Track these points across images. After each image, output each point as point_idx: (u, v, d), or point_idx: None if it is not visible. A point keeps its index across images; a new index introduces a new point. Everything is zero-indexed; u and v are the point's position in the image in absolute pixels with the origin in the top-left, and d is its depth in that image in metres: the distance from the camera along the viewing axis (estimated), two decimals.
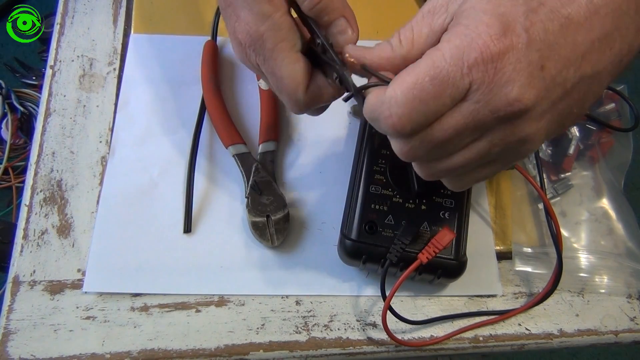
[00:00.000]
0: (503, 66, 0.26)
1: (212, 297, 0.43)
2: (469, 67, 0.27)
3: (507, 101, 0.27)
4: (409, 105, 0.28)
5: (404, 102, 0.28)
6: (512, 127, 0.28)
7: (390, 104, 0.28)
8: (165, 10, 0.55)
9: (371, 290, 0.44)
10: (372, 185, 0.42)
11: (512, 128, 0.28)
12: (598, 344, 0.44)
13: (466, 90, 0.27)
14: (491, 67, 0.26)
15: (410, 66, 0.28)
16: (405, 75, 0.28)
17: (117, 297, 0.42)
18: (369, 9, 0.57)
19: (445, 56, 0.27)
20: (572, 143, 0.49)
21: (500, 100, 0.27)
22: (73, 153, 0.48)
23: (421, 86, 0.27)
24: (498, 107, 0.27)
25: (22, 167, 1.23)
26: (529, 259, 0.45)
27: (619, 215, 0.48)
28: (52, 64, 0.52)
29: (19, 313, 0.41)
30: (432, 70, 0.27)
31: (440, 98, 0.27)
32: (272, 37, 0.33)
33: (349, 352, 0.42)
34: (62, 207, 0.45)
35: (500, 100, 0.27)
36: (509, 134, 0.29)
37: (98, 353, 0.40)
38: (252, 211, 0.44)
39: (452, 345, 0.42)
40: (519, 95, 0.27)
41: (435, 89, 0.27)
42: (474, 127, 0.28)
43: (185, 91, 0.51)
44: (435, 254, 0.39)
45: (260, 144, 0.48)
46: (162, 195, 0.46)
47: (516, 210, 0.48)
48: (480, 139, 0.29)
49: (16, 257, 0.43)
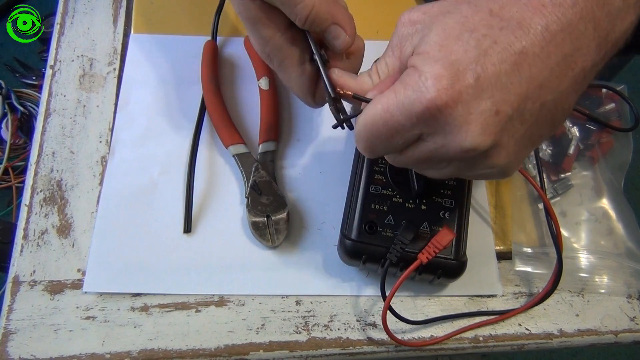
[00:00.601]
0: (453, 118, 0.27)
1: (212, 297, 0.43)
2: (418, 119, 0.28)
3: (462, 149, 0.28)
4: (368, 140, 0.31)
5: (364, 137, 0.31)
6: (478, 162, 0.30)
7: (357, 135, 0.32)
8: (165, 10, 0.55)
9: (371, 290, 0.44)
10: (372, 185, 0.42)
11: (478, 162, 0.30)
12: (598, 344, 0.44)
13: (419, 136, 0.30)
14: (441, 119, 0.28)
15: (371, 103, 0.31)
16: (364, 114, 0.31)
17: (117, 297, 0.42)
18: (369, 9, 0.57)
19: (397, 104, 0.29)
20: (572, 143, 0.49)
21: (456, 147, 0.28)
22: (73, 153, 0.48)
23: (376, 128, 0.30)
24: (455, 152, 0.29)
25: (22, 167, 1.23)
26: (529, 259, 0.45)
27: (619, 215, 0.48)
28: (52, 64, 0.52)
29: (19, 313, 0.41)
30: (385, 115, 0.29)
31: (393, 139, 0.30)
32: (276, 57, 0.37)
33: (349, 352, 0.42)
34: (62, 207, 0.45)
35: (456, 147, 0.28)
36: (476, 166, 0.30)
37: (98, 353, 0.40)
38: (252, 211, 0.44)
39: (452, 345, 0.42)
40: (473, 144, 0.28)
41: (387, 132, 0.30)
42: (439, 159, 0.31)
43: (185, 91, 0.51)
44: (435, 254, 0.39)
45: (260, 144, 0.48)
46: (162, 195, 0.46)
47: (516, 210, 0.48)
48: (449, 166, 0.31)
49: (16, 257, 0.43)
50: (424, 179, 0.41)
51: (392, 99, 0.29)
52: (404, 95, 0.28)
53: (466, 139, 0.28)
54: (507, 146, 0.29)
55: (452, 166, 0.31)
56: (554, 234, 0.43)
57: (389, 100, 0.29)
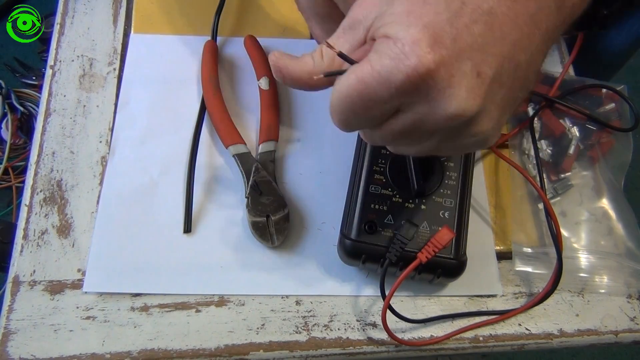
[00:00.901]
0: (436, 83, 0.26)
1: (212, 297, 0.43)
2: (397, 89, 0.26)
3: (447, 116, 0.27)
4: (342, 113, 0.29)
5: (337, 110, 0.29)
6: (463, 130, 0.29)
7: (331, 107, 0.29)
8: (165, 10, 0.55)
9: (371, 290, 0.44)
10: (371, 185, 0.42)
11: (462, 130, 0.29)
12: (598, 344, 0.44)
13: (398, 107, 0.28)
14: (423, 86, 0.26)
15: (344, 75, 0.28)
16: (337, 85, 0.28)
17: (117, 297, 0.42)
18: None
19: (373, 74, 0.26)
20: (572, 143, 0.50)
21: (441, 115, 0.27)
22: (73, 153, 0.48)
23: (350, 100, 0.28)
24: (440, 119, 0.27)
25: (22, 167, 1.23)
26: (529, 259, 0.45)
27: (619, 215, 0.48)
28: (52, 64, 0.52)
29: (19, 313, 0.41)
30: (359, 86, 0.27)
31: (370, 111, 0.28)
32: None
33: (349, 352, 0.42)
34: (62, 207, 0.45)
35: (441, 115, 0.27)
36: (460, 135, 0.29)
37: (98, 353, 0.40)
38: (252, 211, 0.44)
39: (452, 345, 0.42)
40: (460, 109, 0.26)
41: (364, 104, 0.27)
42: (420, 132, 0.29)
43: (185, 91, 0.51)
44: (434, 253, 0.39)
45: (260, 144, 0.48)
46: (162, 195, 0.46)
47: (516, 210, 0.48)
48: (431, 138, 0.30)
49: (16, 257, 0.43)
50: (423, 178, 0.41)
51: (367, 69, 0.27)
52: (380, 64, 0.26)
53: (452, 104, 0.26)
54: (490, 110, 0.28)
55: (434, 138, 0.30)
56: (554, 234, 0.43)
57: (363, 70, 0.27)
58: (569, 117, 0.51)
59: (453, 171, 0.42)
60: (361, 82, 0.27)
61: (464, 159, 0.43)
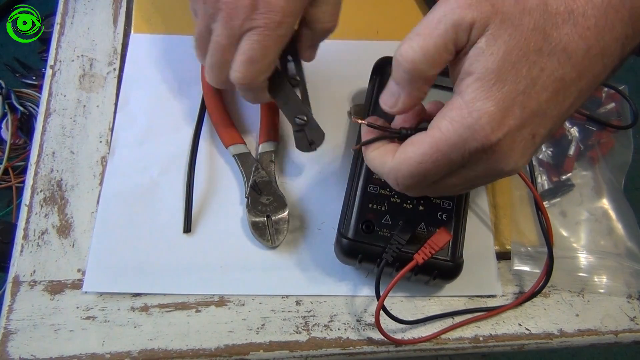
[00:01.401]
0: (499, 149, 0.29)
1: (212, 297, 0.43)
2: (470, 154, 0.29)
3: (501, 171, 0.30)
4: (414, 179, 0.32)
5: (409, 176, 0.32)
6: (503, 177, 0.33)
7: (397, 175, 0.32)
8: (165, 10, 0.55)
9: (371, 290, 0.44)
10: (370, 185, 0.42)
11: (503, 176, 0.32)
12: (598, 344, 0.44)
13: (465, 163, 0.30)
14: (489, 151, 0.29)
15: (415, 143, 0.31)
16: (410, 150, 0.31)
17: (117, 297, 0.42)
18: (368, 9, 0.57)
19: (448, 143, 0.29)
20: (572, 144, 0.50)
21: (495, 171, 0.30)
22: (73, 153, 0.48)
23: (424, 166, 0.30)
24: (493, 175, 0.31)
25: (22, 167, 1.23)
26: (528, 259, 0.45)
27: (619, 215, 0.48)
28: (52, 64, 0.52)
29: (19, 313, 0.41)
30: (435, 154, 0.30)
31: (439, 173, 0.31)
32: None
33: (349, 352, 0.42)
34: (62, 207, 0.45)
35: (495, 171, 0.30)
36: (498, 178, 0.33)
37: (98, 353, 0.40)
38: (252, 211, 0.44)
39: (452, 345, 0.42)
40: (514, 167, 0.30)
41: (436, 169, 0.30)
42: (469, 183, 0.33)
43: (185, 91, 0.51)
44: (431, 255, 0.39)
45: (261, 144, 0.48)
46: (162, 195, 0.46)
47: (515, 210, 0.48)
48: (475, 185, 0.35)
49: (16, 257, 0.43)
50: None
51: (441, 137, 0.29)
52: (456, 133, 0.29)
53: (509, 165, 0.29)
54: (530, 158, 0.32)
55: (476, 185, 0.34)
56: (544, 228, 0.43)
57: (437, 139, 0.29)
58: (569, 118, 0.51)
59: None
60: (437, 150, 0.29)
61: None
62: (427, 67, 0.30)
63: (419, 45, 0.29)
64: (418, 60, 0.29)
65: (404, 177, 0.32)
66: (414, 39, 0.30)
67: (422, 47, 0.29)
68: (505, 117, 0.28)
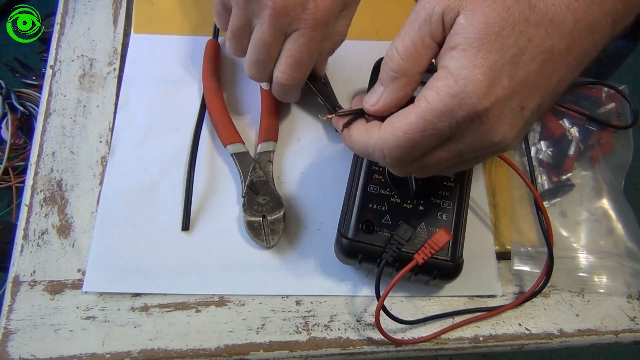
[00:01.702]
0: (487, 119, 0.28)
1: (212, 297, 0.43)
2: (457, 123, 0.29)
3: (490, 144, 0.29)
4: (401, 150, 0.31)
5: (396, 147, 0.31)
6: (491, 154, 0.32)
7: (384, 147, 0.31)
8: (166, 10, 0.55)
9: (371, 290, 0.44)
10: (370, 185, 0.42)
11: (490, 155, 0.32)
12: (598, 344, 0.44)
13: (453, 135, 0.30)
14: (477, 121, 0.28)
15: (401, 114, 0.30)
16: (397, 121, 0.31)
17: (117, 297, 0.42)
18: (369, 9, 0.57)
19: (434, 112, 0.29)
20: (572, 144, 0.49)
21: (484, 143, 0.30)
22: (73, 153, 0.48)
23: (411, 136, 0.30)
24: (481, 147, 0.30)
25: (22, 167, 1.23)
26: (528, 259, 0.45)
27: (619, 215, 0.48)
28: (52, 64, 0.52)
29: (19, 313, 0.41)
30: (422, 124, 0.29)
31: (427, 145, 0.30)
32: None
33: (349, 352, 0.42)
34: (62, 207, 0.45)
35: (484, 143, 0.30)
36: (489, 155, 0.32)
37: (98, 353, 0.40)
38: (248, 211, 0.44)
39: (452, 345, 0.42)
40: (502, 139, 0.29)
41: (424, 140, 0.30)
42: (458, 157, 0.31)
43: (185, 91, 0.51)
44: (431, 255, 0.39)
45: (259, 143, 0.48)
46: (162, 195, 0.46)
47: (515, 210, 0.48)
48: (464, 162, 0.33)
49: (16, 257, 0.43)
50: (422, 179, 0.41)
51: (427, 107, 0.29)
52: (442, 102, 0.28)
53: (496, 136, 0.29)
54: (521, 134, 0.30)
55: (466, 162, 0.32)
56: (544, 227, 0.43)
57: (423, 109, 0.29)
58: (569, 118, 0.51)
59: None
60: (424, 119, 0.29)
61: None
62: (408, 65, 0.31)
63: (399, 44, 0.31)
64: (397, 58, 0.31)
65: (391, 149, 0.31)
66: (395, 39, 0.31)
67: (402, 46, 0.30)
68: (492, 85, 0.27)
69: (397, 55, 0.31)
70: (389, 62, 0.32)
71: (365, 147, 0.33)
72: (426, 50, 0.30)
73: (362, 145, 0.34)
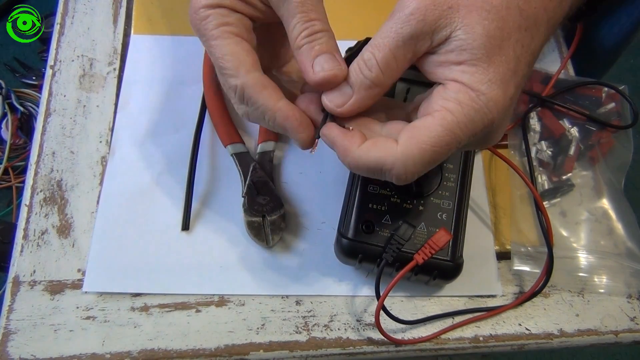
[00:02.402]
0: (498, 127, 0.31)
1: (212, 297, 0.43)
2: (475, 134, 0.30)
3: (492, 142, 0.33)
4: (426, 164, 0.30)
5: (421, 162, 0.30)
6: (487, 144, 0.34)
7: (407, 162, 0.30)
8: (166, 10, 0.55)
9: (371, 290, 0.44)
10: (370, 185, 0.42)
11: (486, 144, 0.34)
12: (598, 344, 0.44)
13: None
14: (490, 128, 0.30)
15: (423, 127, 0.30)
16: (423, 136, 0.29)
17: (117, 297, 0.42)
18: (368, 9, 0.57)
19: (460, 125, 0.29)
20: (572, 144, 0.50)
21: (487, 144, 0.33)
22: (73, 153, 0.48)
23: (439, 149, 0.29)
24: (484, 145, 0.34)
25: (22, 167, 1.23)
26: (528, 259, 0.45)
27: (619, 215, 0.48)
28: (52, 64, 0.52)
29: (19, 313, 0.41)
30: (449, 137, 0.29)
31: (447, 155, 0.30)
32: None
33: (349, 352, 0.42)
34: (62, 207, 0.45)
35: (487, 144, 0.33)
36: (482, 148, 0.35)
37: (98, 353, 0.40)
38: (248, 211, 0.44)
39: (452, 345, 0.42)
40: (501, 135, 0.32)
41: (447, 151, 0.30)
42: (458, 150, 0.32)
43: (185, 91, 0.51)
44: (431, 255, 0.39)
45: (259, 143, 0.48)
46: (162, 195, 0.46)
47: (515, 210, 0.48)
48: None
49: (16, 257, 0.43)
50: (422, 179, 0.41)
51: (454, 120, 0.29)
52: (467, 116, 0.29)
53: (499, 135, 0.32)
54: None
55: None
56: (544, 227, 0.43)
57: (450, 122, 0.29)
58: (569, 118, 0.51)
59: (452, 173, 0.42)
60: (450, 132, 0.29)
61: (463, 161, 0.43)
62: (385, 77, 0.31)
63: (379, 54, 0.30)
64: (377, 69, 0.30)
65: (416, 164, 0.30)
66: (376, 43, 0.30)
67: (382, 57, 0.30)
68: (505, 97, 0.29)
69: (376, 65, 0.30)
70: (366, 70, 0.30)
71: (381, 163, 0.30)
72: (405, 65, 0.30)
73: (376, 161, 0.30)
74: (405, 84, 0.40)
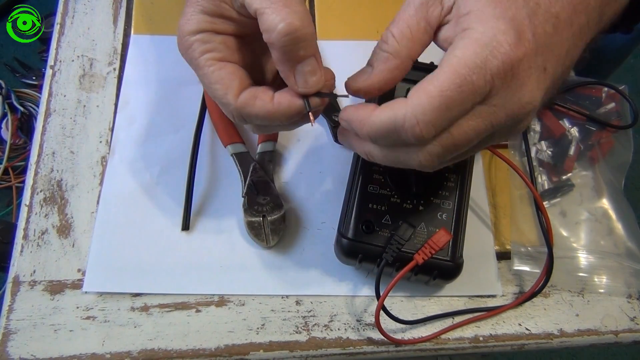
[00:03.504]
0: (518, 72, 0.27)
1: (212, 297, 0.43)
2: (492, 76, 0.27)
3: (520, 104, 0.28)
4: (436, 112, 0.28)
5: (431, 109, 0.28)
6: (519, 122, 0.30)
7: (417, 113, 0.28)
8: (166, 10, 0.55)
9: (371, 290, 0.44)
10: (370, 185, 0.42)
11: (518, 123, 0.30)
12: (598, 344, 0.44)
13: (486, 95, 0.28)
14: (510, 74, 0.27)
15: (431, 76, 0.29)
16: (428, 84, 0.28)
17: (117, 297, 0.42)
18: (369, 9, 0.57)
19: (468, 65, 0.27)
20: (572, 144, 0.50)
21: (515, 103, 0.28)
22: (73, 153, 0.48)
23: (448, 94, 0.27)
24: (513, 109, 0.29)
25: (22, 167, 1.23)
26: (528, 259, 0.45)
27: (619, 215, 0.48)
28: (52, 64, 0.52)
29: (19, 313, 0.41)
30: (457, 79, 0.27)
31: (463, 104, 0.28)
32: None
33: (349, 352, 0.42)
34: (62, 207, 0.45)
35: (515, 103, 0.28)
36: (514, 127, 0.31)
37: (98, 353, 0.40)
38: (248, 211, 0.44)
39: (452, 345, 0.42)
40: (531, 99, 0.28)
41: (460, 97, 0.27)
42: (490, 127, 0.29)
43: (185, 91, 0.51)
44: (431, 255, 0.39)
45: (259, 143, 0.48)
46: (162, 195, 0.46)
47: (515, 210, 0.48)
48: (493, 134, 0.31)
49: (16, 257, 0.43)
50: (422, 179, 0.41)
51: (459, 61, 0.27)
52: (474, 53, 0.27)
53: (525, 94, 0.28)
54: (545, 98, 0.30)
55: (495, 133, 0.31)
56: (544, 227, 0.43)
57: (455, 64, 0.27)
58: (569, 118, 0.51)
59: (452, 173, 0.42)
60: (457, 74, 0.27)
61: (463, 161, 0.43)
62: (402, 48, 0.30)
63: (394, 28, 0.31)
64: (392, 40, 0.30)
65: (425, 113, 0.28)
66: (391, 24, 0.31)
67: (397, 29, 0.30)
68: (519, 37, 0.27)
69: (391, 37, 0.30)
70: (382, 44, 0.31)
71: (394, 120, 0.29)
72: (420, 35, 0.30)
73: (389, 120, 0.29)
74: (406, 84, 0.40)
